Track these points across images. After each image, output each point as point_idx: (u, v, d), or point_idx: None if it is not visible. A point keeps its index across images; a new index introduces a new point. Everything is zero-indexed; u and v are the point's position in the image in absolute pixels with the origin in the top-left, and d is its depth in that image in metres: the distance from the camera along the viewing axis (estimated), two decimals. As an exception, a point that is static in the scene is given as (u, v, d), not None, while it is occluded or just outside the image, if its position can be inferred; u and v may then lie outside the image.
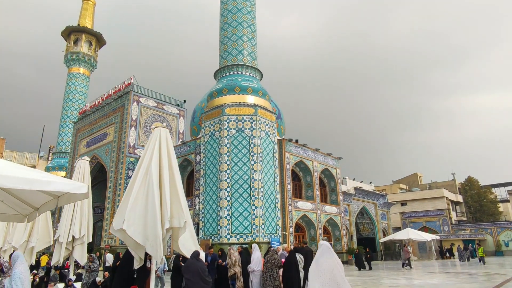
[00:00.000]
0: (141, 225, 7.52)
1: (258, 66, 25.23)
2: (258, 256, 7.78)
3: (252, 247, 8.13)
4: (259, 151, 21.22)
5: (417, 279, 14.69)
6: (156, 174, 7.80)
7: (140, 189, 7.78)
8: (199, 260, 6.52)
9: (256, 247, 8.16)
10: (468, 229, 38.28)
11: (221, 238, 19.53)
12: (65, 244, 10.36)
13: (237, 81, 23.16)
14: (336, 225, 27.73)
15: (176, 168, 8.04)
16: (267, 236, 20.24)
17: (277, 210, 21.71)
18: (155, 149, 8.04)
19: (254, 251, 7.89)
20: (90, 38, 48.63)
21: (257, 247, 8.15)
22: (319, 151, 27.90)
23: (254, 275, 7.73)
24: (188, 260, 6.46)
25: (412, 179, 58.82)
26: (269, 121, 22.86)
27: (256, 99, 22.81)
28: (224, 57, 24.58)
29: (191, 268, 6.32)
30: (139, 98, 30.12)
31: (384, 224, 36.51)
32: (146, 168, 7.89)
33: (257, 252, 7.90)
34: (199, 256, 6.56)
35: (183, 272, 6.39)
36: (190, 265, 6.33)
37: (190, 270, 6.30)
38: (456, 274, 16.72)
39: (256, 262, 7.69)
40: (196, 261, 6.43)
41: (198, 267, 6.34)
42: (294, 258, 7.65)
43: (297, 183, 26.74)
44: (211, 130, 22.32)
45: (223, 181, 20.46)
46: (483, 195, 49.42)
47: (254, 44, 25.32)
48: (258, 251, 7.95)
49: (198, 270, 6.31)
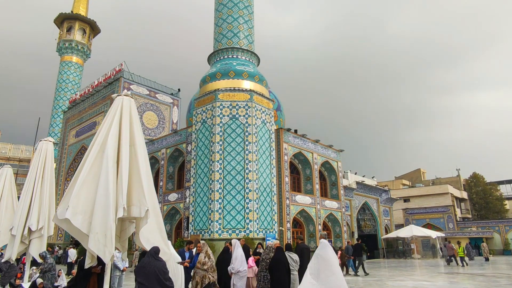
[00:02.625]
0: (89, 213, 5.98)
1: (255, 51, 23.60)
2: (241, 254, 6.28)
3: (232, 243, 6.60)
4: (254, 140, 19.66)
5: (426, 280, 13.19)
6: (112, 151, 6.20)
7: (92, 170, 6.19)
8: (158, 259, 4.98)
9: (237, 243, 6.63)
10: (474, 227, 36.75)
11: (212, 233, 18.04)
12: (20, 238, 8.89)
13: (231, 65, 21.54)
14: (336, 221, 26.22)
15: (141, 146, 6.46)
16: (262, 232, 18.75)
17: (273, 204, 20.19)
18: (114, 122, 6.44)
19: (236, 249, 6.38)
20: (84, 26, 46.97)
21: (238, 243, 6.63)
22: (320, 142, 26.34)
23: (238, 277, 6.21)
24: (143, 259, 4.92)
25: (415, 175, 57.23)
26: (265, 108, 21.27)
27: (252, 85, 21.21)
28: (219, 40, 22.94)
29: (146, 269, 4.79)
30: (129, 85, 28.56)
31: (387, 220, 35.01)
32: (101, 145, 6.31)
33: (239, 249, 6.40)
34: (158, 253, 5.02)
35: (136, 273, 4.85)
36: (146, 265, 4.80)
37: (145, 272, 4.78)
38: (465, 275, 15.20)
39: (240, 261, 6.18)
40: (154, 260, 4.90)
41: (156, 268, 4.82)
42: (283, 257, 6.13)
43: (295, 176, 25.20)
44: (203, 118, 20.76)
45: (215, 172, 18.94)
46: (489, 192, 47.81)
47: (251, 26, 23.66)
48: (239, 247, 6.45)
49: (155, 271, 4.80)
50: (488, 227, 36.22)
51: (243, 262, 6.32)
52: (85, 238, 5.83)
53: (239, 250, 6.39)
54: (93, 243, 5.60)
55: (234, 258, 6.32)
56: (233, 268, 6.19)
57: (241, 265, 6.20)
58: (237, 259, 6.22)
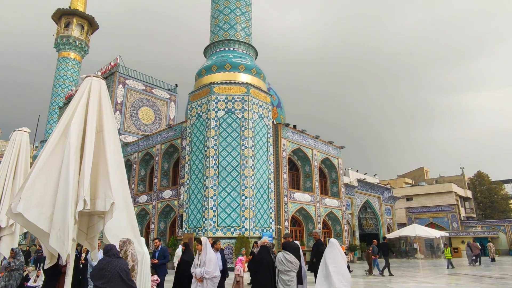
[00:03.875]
0: (48, 206, 5.28)
1: (253, 44, 22.83)
2: (213, 256, 5.39)
3: (202, 242, 5.63)
4: (251, 135, 18.92)
5: (429, 282, 12.41)
6: (76, 138, 5.47)
7: (51, 158, 5.47)
8: (119, 257, 4.23)
9: (207, 242, 5.71)
10: (479, 226, 35.82)
11: (206, 231, 17.33)
12: (-13, 234, 8.20)
13: (228, 58, 20.79)
14: (337, 220, 25.44)
15: (110, 132, 5.71)
16: (258, 230, 18.01)
17: (270, 201, 19.44)
18: (80, 106, 5.70)
19: (207, 249, 5.46)
20: (82, 21, 46.37)
21: (209, 243, 5.71)
22: (320, 138, 25.55)
23: (212, 283, 5.31)
24: (101, 260, 4.16)
25: (418, 173, 56.25)
26: (263, 102, 20.51)
27: (249, 78, 20.45)
28: (215, 32, 22.19)
29: (107, 271, 4.03)
30: (125, 80, 27.89)
31: (389, 219, 34.15)
32: (63, 131, 5.59)
33: (210, 251, 5.49)
34: (118, 252, 4.26)
35: (94, 278, 4.07)
36: (106, 266, 4.03)
37: (105, 274, 4.02)
38: (472, 276, 14.39)
39: (215, 264, 5.32)
40: (115, 259, 4.14)
41: (118, 268, 4.07)
42: (267, 256, 5.37)
43: (294, 172, 24.46)
44: (198, 112, 20.04)
45: (210, 167, 18.21)
46: (494, 191, 46.77)
47: (249, 18, 22.89)
48: (211, 248, 5.54)
49: (118, 272, 4.04)
50: (494, 227, 35.29)
51: (217, 265, 5.43)
52: (44, 235, 5.14)
53: (211, 251, 5.44)
54: (55, 241, 4.92)
55: (208, 260, 5.35)
56: (207, 272, 5.25)
57: (216, 269, 5.31)
58: (211, 262, 5.26)
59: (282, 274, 6.05)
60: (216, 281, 5.31)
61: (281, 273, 6.04)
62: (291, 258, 6.28)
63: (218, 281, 5.36)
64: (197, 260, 5.36)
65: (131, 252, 4.38)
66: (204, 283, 5.21)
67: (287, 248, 6.43)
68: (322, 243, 7.13)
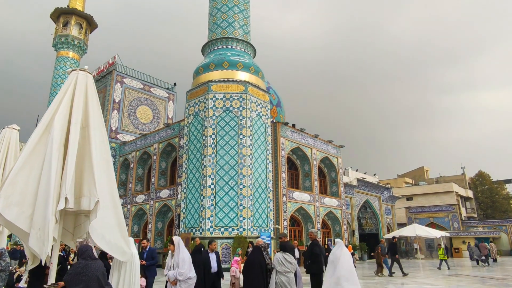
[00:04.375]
0: (29, 205, 5.05)
1: (251, 42, 22.57)
2: (187, 256, 4.99)
3: (174, 241, 5.22)
4: (249, 134, 18.67)
5: (430, 284, 12.16)
6: (59, 133, 5.24)
7: (33, 154, 5.24)
8: (95, 258, 3.96)
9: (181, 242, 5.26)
10: (480, 226, 35.53)
11: (203, 231, 17.09)
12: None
13: (226, 56, 20.54)
14: (336, 219, 25.20)
15: (96, 128, 5.47)
16: (256, 230, 17.76)
17: (268, 200, 19.19)
18: (65, 100, 5.48)
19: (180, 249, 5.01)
20: (81, 20, 46.06)
21: (182, 241, 5.27)
22: (319, 137, 25.31)
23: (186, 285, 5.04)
24: (77, 264, 3.87)
25: (418, 173, 55.95)
26: (261, 100, 20.26)
27: (247, 76, 20.20)
28: (213, 30, 21.94)
29: (85, 275, 3.76)
30: (123, 78, 27.66)
31: (389, 219, 33.89)
32: (46, 126, 5.36)
33: (183, 251, 5.07)
34: (92, 253, 3.99)
35: (70, 283, 3.78)
36: (83, 270, 3.75)
37: (83, 279, 3.75)
38: (474, 278, 14.13)
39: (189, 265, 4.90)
40: (92, 262, 3.89)
41: (97, 272, 3.81)
42: (259, 257, 5.10)
43: (293, 172, 24.22)
44: (195, 110, 19.79)
45: (207, 166, 17.96)
46: (495, 190, 46.45)
47: (247, 16, 22.64)
48: (184, 248, 5.12)
49: (96, 276, 3.79)
50: (495, 227, 35.00)
51: (191, 265, 5.09)
52: (25, 235, 4.92)
53: (185, 251, 4.99)
54: (34, 241, 4.69)
55: (182, 260, 4.97)
56: (180, 273, 4.86)
57: (190, 270, 4.96)
58: (185, 262, 4.90)
59: (281, 275, 5.81)
60: (191, 283, 4.97)
61: (280, 274, 5.80)
62: (291, 259, 6.06)
63: (194, 282, 5.03)
64: (170, 262, 5.09)
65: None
66: (177, 286, 4.86)
67: (286, 249, 6.20)
68: (318, 243, 6.89)
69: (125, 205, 24.30)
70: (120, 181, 25.66)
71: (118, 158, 25.96)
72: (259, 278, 5.02)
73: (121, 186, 25.64)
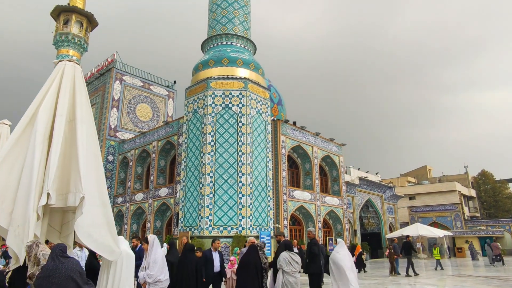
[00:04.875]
0: (10, 201, 4.81)
1: (252, 38, 22.25)
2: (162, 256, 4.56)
3: (149, 240, 4.79)
4: (249, 131, 18.38)
5: (433, 284, 11.86)
6: (43, 126, 5.01)
7: (16, 148, 5.00)
8: (68, 257, 3.62)
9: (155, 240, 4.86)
10: (483, 226, 35.12)
11: (201, 230, 16.83)
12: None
13: (225, 52, 20.25)
14: (337, 219, 24.90)
15: (84, 122, 5.22)
16: (256, 229, 17.49)
17: (268, 199, 18.90)
18: (50, 92, 5.25)
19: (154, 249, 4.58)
20: (81, 18, 45.83)
21: (157, 240, 4.85)
22: (320, 135, 24.99)
23: None
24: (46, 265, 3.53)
25: (421, 172, 55.49)
26: (261, 97, 19.96)
27: (247, 73, 19.90)
28: (213, 27, 21.65)
29: (55, 278, 3.45)
30: (122, 76, 27.42)
31: (391, 218, 33.55)
32: (30, 118, 5.11)
33: (158, 250, 4.67)
34: (65, 251, 3.66)
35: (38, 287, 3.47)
36: (53, 272, 3.43)
37: (54, 281, 3.45)
38: (478, 278, 13.81)
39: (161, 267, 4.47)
40: (64, 262, 3.54)
41: (70, 271, 3.50)
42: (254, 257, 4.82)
43: (294, 170, 23.92)
44: (194, 107, 19.52)
45: (206, 164, 17.69)
46: (498, 189, 45.97)
47: (247, 12, 22.32)
48: (159, 247, 4.73)
49: (69, 276, 3.48)
50: (498, 226, 34.58)
51: (165, 267, 4.63)
52: (6, 233, 4.68)
53: (158, 251, 4.64)
54: (12, 238, 4.45)
55: (153, 261, 4.56)
56: (149, 275, 4.46)
57: (161, 272, 4.55)
58: (156, 263, 4.51)
59: (288, 276, 5.58)
60: (162, 286, 4.52)
61: (288, 274, 5.57)
62: (297, 258, 5.90)
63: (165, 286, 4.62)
64: (144, 262, 4.77)
65: (42, 253, 3.77)
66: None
67: (290, 248, 5.98)
68: (317, 242, 6.61)
69: (124, 203, 24.09)
70: (119, 180, 25.45)
71: (117, 156, 25.74)
72: (253, 279, 4.75)
73: (120, 185, 25.43)
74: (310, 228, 6.82)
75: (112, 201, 25.13)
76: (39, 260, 3.63)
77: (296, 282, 5.78)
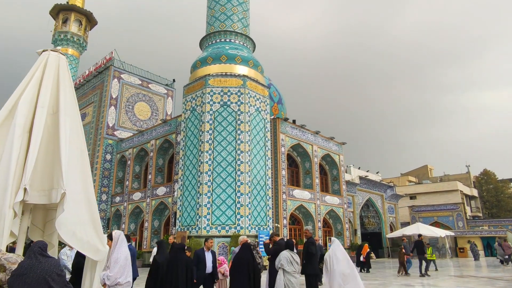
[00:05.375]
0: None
1: (251, 36, 21.97)
2: (125, 255, 4.01)
3: (113, 237, 4.25)
4: (247, 129, 18.11)
5: (435, 285, 11.57)
6: (23, 118, 4.74)
7: (-6, 139, 4.75)
8: (47, 256, 3.35)
9: (121, 236, 4.33)
10: (486, 226, 34.76)
11: (199, 229, 16.56)
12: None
13: (224, 49, 19.98)
14: (338, 218, 24.60)
15: (68, 115, 4.93)
16: (255, 228, 17.21)
17: (267, 198, 18.63)
18: (32, 83, 4.97)
19: (118, 246, 4.08)
20: (80, 17, 45.73)
21: (123, 236, 4.35)
22: (320, 134, 24.69)
23: None
24: (22, 263, 3.27)
25: (422, 171, 55.12)
26: (260, 95, 19.68)
27: (246, 70, 19.63)
28: (211, 24, 21.38)
29: (29, 276, 3.20)
30: (120, 74, 27.16)
31: (392, 218, 33.24)
32: (10, 110, 4.85)
33: (122, 248, 4.17)
34: (45, 249, 3.38)
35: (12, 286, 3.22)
36: (27, 270, 3.18)
37: (27, 281, 3.20)
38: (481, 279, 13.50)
39: (122, 266, 3.97)
40: (41, 260, 3.28)
41: (45, 272, 3.23)
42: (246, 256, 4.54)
43: (294, 169, 23.63)
44: (192, 105, 19.26)
45: (204, 163, 17.42)
46: (501, 189, 45.58)
47: (246, 9, 22.05)
48: (124, 245, 4.20)
49: (43, 277, 3.22)
50: (501, 226, 34.23)
51: (127, 268, 4.08)
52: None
53: (122, 250, 4.10)
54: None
55: (114, 261, 4.03)
56: (108, 276, 3.96)
57: (122, 273, 4.00)
58: (117, 263, 3.99)
59: (290, 275, 5.32)
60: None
61: (289, 274, 5.31)
62: (297, 258, 5.70)
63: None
64: (107, 261, 4.42)
65: (4, 258, 3.49)
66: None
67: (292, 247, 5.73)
68: (314, 242, 6.33)
69: (122, 203, 23.84)
70: (117, 179, 25.20)
71: (115, 155, 25.49)
72: (246, 279, 4.48)
73: (118, 184, 25.18)
74: (307, 227, 6.55)
75: (110, 201, 24.88)
76: (3, 266, 3.32)
77: (297, 282, 5.55)
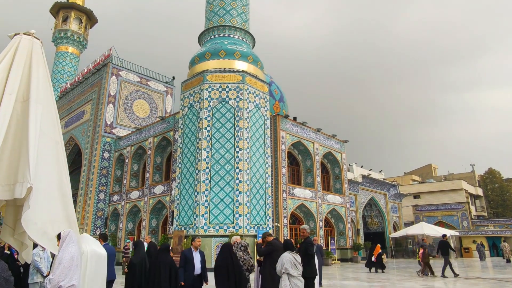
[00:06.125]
0: None
1: (251, 31, 21.49)
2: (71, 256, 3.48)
3: (61, 235, 3.76)
4: (246, 126, 17.64)
5: (440, 287, 11.05)
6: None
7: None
8: None
9: (70, 234, 3.66)
10: (491, 225, 34.11)
11: (197, 229, 16.12)
12: None
13: (222, 44, 19.52)
14: (340, 217, 24.10)
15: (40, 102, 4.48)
16: (254, 228, 16.75)
17: (267, 197, 18.16)
18: (1, 68, 4.58)
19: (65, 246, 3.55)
20: (80, 15, 45.45)
21: (72, 234, 3.73)
22: (322, 131, 24.18)
23: None
24: None
25: (426, 170, 54.42)
26: (260, 91, 19.21)
27: (245, 66, 19.16)
28: (210, 19, 20.93)
29: None
30: (119, 71, 26.78)
31: (395, 217, 32.67)
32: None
33: (69, 248, 3.54)
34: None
35: None
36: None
37: None
38: (488, 280, 12.96)
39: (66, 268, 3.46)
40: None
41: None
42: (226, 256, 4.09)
43: (294, 167, 23.16)
44: (190, 102, 18.82)
45: (202, 160, 16.99)
46: (506, 188, 44.84)
47: (246, 4, 21.57)
48: (73, 244, 3.60)
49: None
50: (506, 226, 33.56)
51: (72, 269, 3.58)
52: None
53: (69, 250, 3.63)
54: None
55: (58, 261, 3.55)
56: (49, 280, 3.42)
57: (66, 275, 3.52)
58: (61, 265, 3.54)
59: (295, 280, 4.84)
60: None
61: (294, 278, 4.84)
62: (299, 259, 5.31)
63: None
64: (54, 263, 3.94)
65: None
66: None
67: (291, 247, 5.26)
68: (312, 242, 5.87)
69: (120, 201, 23.46)
70: (115, 177, 24.84)
71: (113, 153, 25.13)
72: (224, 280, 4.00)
73: (116, 182, 24.82)
74: (304, 226, 6.01)
75: (108, 199, 24.53)
76: None
77: (303, 286, 5.14)
